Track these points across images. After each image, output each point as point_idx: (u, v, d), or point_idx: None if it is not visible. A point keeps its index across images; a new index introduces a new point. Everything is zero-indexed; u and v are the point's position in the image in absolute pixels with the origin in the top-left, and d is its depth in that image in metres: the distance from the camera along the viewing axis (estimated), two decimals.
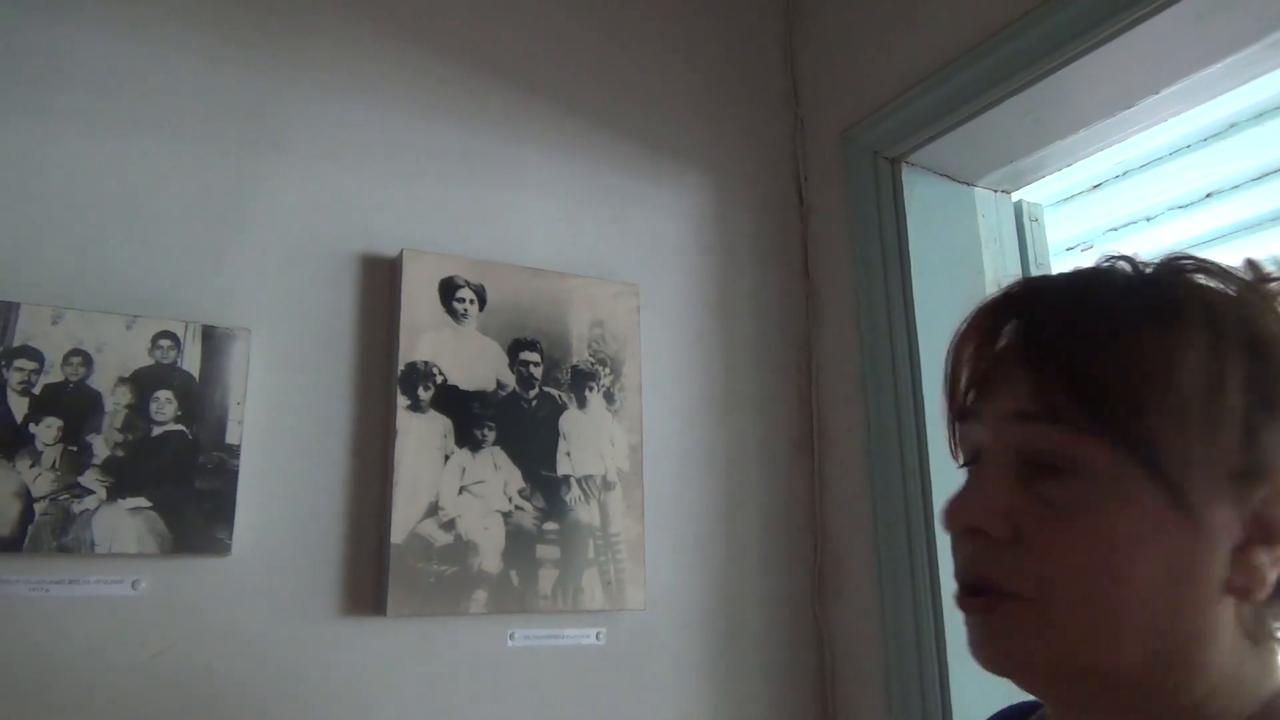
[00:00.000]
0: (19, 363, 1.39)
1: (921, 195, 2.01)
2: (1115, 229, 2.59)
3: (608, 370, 1.85)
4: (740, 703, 1.87)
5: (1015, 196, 2.16)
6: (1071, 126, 1.86)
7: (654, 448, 1.88)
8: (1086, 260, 0.78)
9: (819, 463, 2.06)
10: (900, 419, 1.87)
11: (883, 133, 2.01)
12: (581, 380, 1.82)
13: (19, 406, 1.38)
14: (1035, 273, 2.12)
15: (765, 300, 2.12)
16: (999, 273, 2.05)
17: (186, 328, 1.51)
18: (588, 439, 1.80)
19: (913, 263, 1.94)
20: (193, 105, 1.64)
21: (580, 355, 1.83)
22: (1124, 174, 2.44)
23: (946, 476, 1.78)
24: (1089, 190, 2.52)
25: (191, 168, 1.61)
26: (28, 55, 1.53)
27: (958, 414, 0.72)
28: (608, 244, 1.97)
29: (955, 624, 0.71)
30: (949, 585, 0.74)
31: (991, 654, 0.66)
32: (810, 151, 2.24)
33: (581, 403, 1.81)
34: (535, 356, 1.79)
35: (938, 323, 1.90)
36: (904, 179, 2.00)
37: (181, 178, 1.60)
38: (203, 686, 1.46)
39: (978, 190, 2.09)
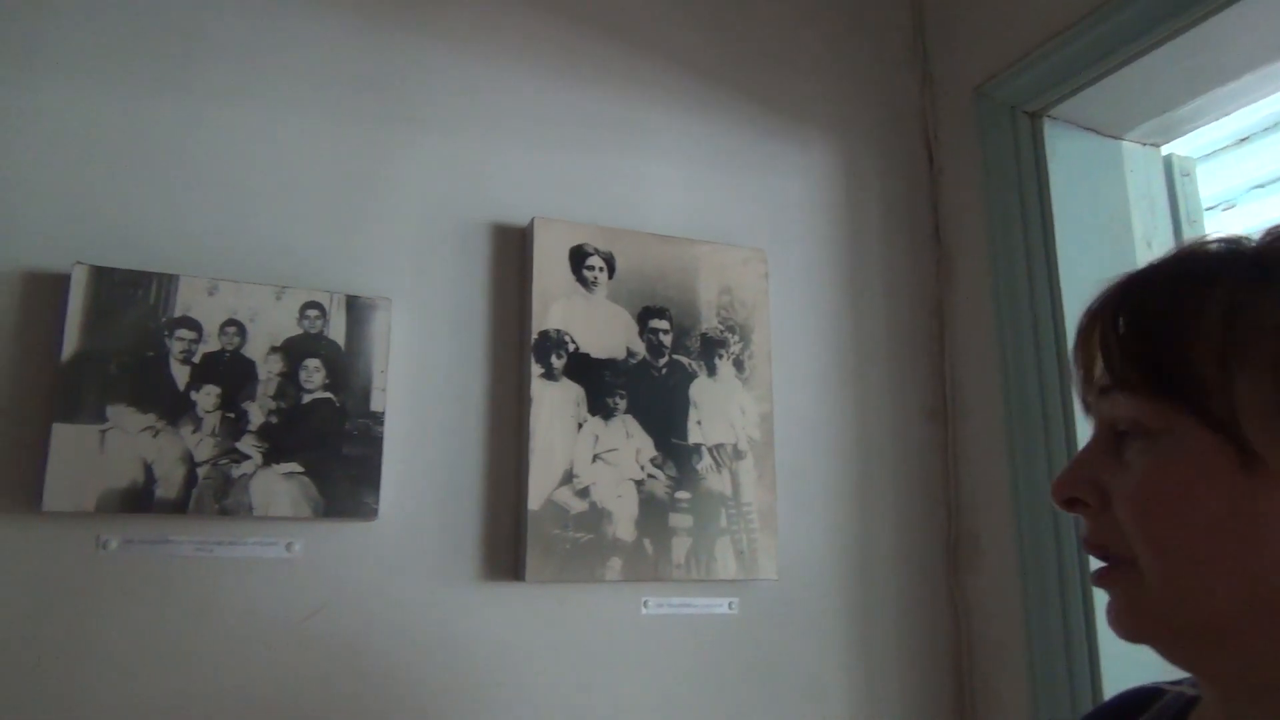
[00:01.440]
0: (180, 332, 1.44)
1: (1064, 151, 1.90)
2: (1261, 185, 2.42)
3: (737, 338, 1.82)
4: (875, 675, 1.83)
5: (1164, 150, 2.03)
6: (1227, 74, 1.73)
7: (784, 417, 1.85)
8: (1229, 220, 0.81)
9: (953, 433, 1.99)
10: (1044, 389, 1.79)
11: (1021, 86, 1.91)
12: (711, 348, 1.80)
13: (181, 375, 1.43)
14: (1188, 232, 1.99)
15: (895, 264, 2.05)
16: (1149, 232, 1.93)
17: (331, 298, 1.54)
18: (718, 407, 1.78)
19: (1056, 223, 1.84)
20: (332, 79, 1.66)
21: (709, 323, 1.81)
22: (1275, 125, 2.27)
23: None
24: (1235, 145, 2.36)
25: (332, 141, 1.64)
26: (176, 35, 1.58)
27: (1079, 396, 0.78)
28: (734, 209, 1.93)
29: (1104, 598, 0.71)
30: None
31: (1113, 621, 0.69)
32: (940, 108, 2.14)
33: (711, 371, 1.79)
34: (664, 324, 1.77)
35: (1084, 287, 1.80)
36: (1045, 134, 1.90)
37: (322, 151, 1.63)
38: (352, 646, 1.50)
39: (1125, 144, 1.97)
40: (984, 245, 1.96)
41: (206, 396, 1.44)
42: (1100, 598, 0.72)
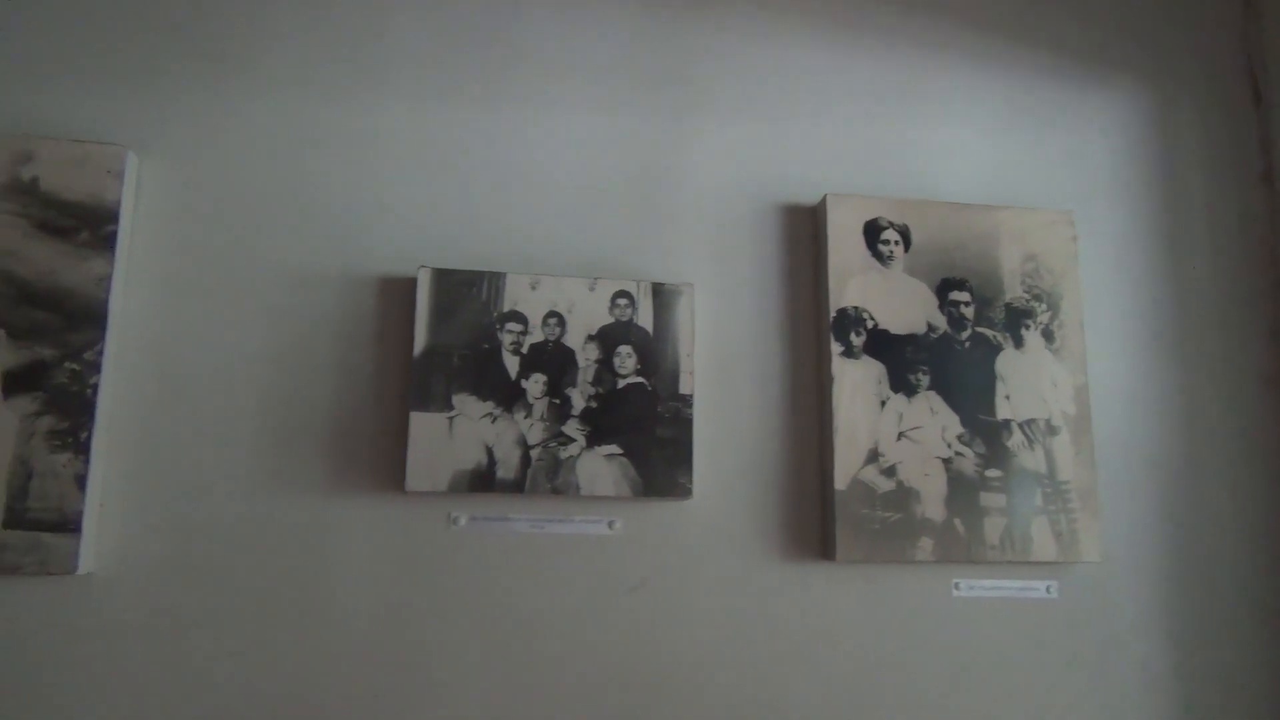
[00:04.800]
0: (510, 326, 1.55)
1: None
2: None
3: (1044, 307, 1.71)
4: (1208, 667, 1.67)
5: None
6: None
7: (1100, 389, 1.72)
8: None
9: None
10: None
11: None
12: (1016, 319, 1.70)
13: (512, 365, 1.54)
14: None
15: (1219, 216, 1.85)
16: None
17: (638, 286, 1.60)
18: (1027, 381, 1.68)
19: None
20: (624, 77, 1.72)
21: (1013, 292, 1.71)
22: None
23: None
24: None
25: (630, 138, 1.70)
26: (492, 51, 1.69)
27: None
28: (1035, 170, 1.81)
29: None
30: None
31: None
32: (1268, 37, 1.90)
33: (1018, 342, 1.70)
34: (965, 296, 1.70)
35: None
36: None
37: (623, 148, 1.70)
38: (671, 620, 1.57)
39: None
40: None
41: (535, 384, 1.54)
42: None
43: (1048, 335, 1.70)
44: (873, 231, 1.69)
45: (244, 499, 1.47)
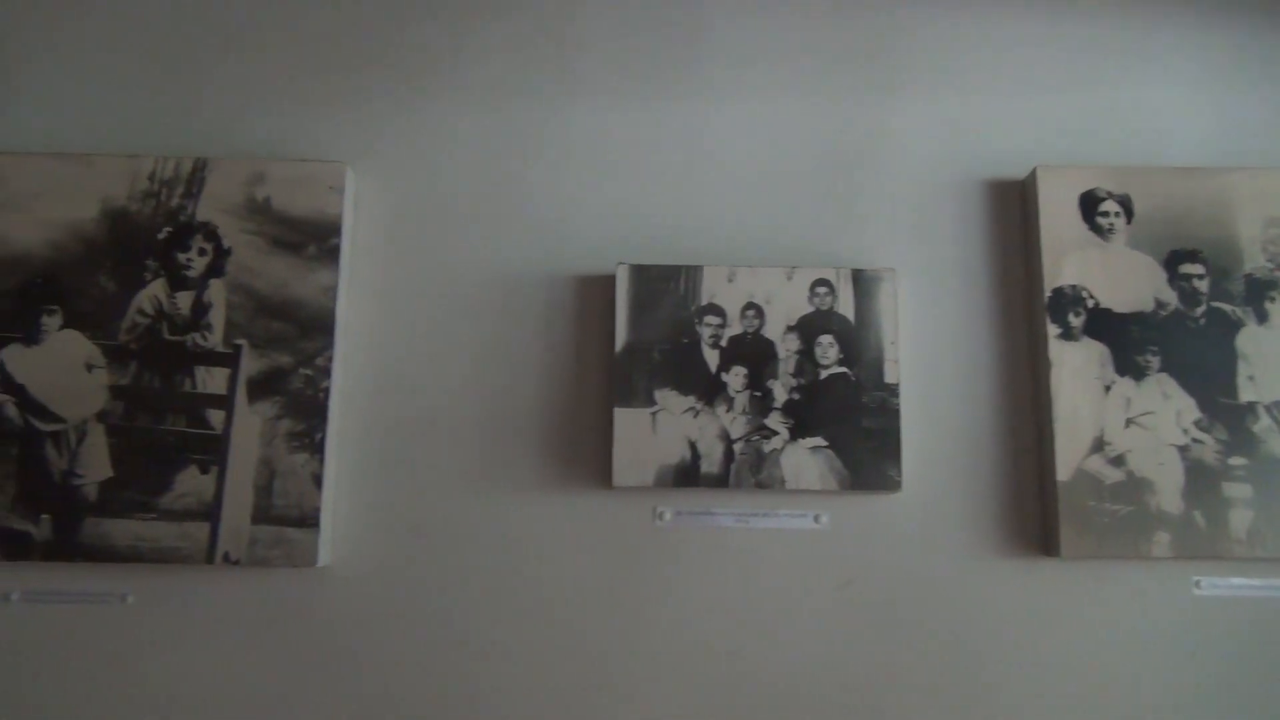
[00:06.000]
0: (708, 319, 1.54)
1: None
2: None
3: None
4: None
5: None
6: None
7: None
8: None
9: None
10: None
11: None
12: (1259, 291, 1.55)
13: (712, 358, 1.53)
14: None
15: None
16: None
17: (838, 274, 1.56)
18: (1274, 359, 1.52)
19: None
20: (814, 57, 1.68)
21: (1254, 261, 1.56)
22: None
23: None
24: None
25: (822, 121, 1.66)
26: (679, 42, 1.68)
27: None
28: (1269, 126, 1.64)
29: None
30: None
31: None
32: None
33: (1262, 317, 1.54)
34: (1198, 268, 1.55)
35: None
36: None
37: (815, 132, 1.65)
38: (881, 617, 1.51)
39: None
40: None
41: (735, 377, 1.53)
42: None
43: None
44: (1090, 203, 1.58)
45: (459, 495, 1.53)
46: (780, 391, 1.53)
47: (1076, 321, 1.55)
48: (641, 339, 1.53)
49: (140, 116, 1.62)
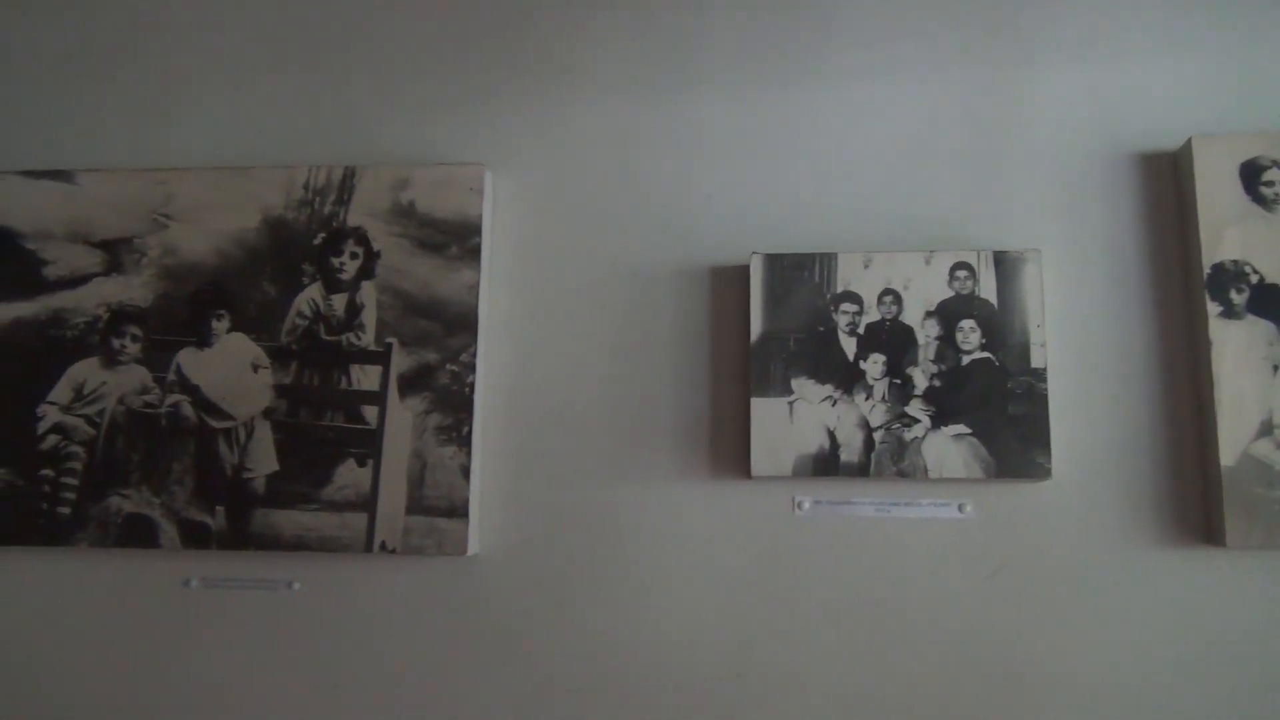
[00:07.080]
0: (844, 306, 1.53)
1: None
2: None
3: None
4: None
5: None
6: None
7: None
8: None
9: None
10: None
11: None
12: None
13: (849, 346, 1.52)
14: None
15: None
16: None
17: (979, 256, 1.52)
18: None
19: None
20: (945, 32, 1.64)
21: None
22: None
23: None
24: None
25: (956, 97, 1.62)
26: (806, 27, 1.67)
27: None
28: None
29: None
30: None
31: None
32: None
33: None
34: None
35: None
36: None
37: (949, 109, 1.61)
38: (1031, 610, 1.47)
39: None
40: None
41: (874, 365, 1.51)
42: None
43: None
44: (1252, 173, 1.49)
45: (598, 486, 1.57)
46: (920, 378, 1.50)
47: (1239, 298, 1.46)
48: (777, 328, 1.53)
49: (293, 129, 1.71)
